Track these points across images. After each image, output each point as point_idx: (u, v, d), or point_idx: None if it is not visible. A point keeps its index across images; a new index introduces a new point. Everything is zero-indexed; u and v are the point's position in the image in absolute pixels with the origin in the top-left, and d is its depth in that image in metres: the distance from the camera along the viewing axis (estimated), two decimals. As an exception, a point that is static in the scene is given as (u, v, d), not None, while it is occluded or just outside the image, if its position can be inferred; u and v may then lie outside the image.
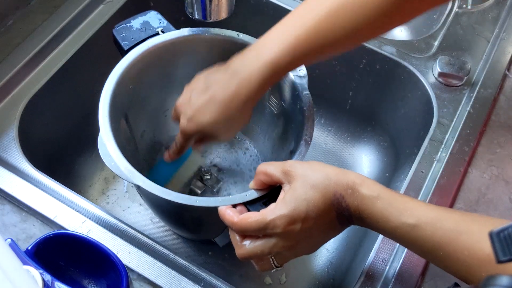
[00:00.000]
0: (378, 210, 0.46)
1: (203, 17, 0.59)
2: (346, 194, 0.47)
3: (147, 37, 0.63)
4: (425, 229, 0.44)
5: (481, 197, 0.63)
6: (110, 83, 0.59)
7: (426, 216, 0.45)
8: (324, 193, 0.47)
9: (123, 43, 0.62)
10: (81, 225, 0.57)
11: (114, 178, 0.82)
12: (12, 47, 0.70)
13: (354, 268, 0.70)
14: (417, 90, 0.75)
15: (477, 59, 0.76)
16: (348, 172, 0.48)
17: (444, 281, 0.57)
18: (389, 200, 0.46)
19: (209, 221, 0.60)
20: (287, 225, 0.46)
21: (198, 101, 0.56)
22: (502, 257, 0.31)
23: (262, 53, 0.53)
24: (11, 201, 0.58)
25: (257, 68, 0.53)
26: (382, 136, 0.86)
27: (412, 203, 0.46)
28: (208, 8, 0.58)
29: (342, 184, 0.47)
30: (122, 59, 0.61)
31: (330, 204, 0.47)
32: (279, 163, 0.51)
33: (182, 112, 0.58)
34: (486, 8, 0.83)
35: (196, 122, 0.57)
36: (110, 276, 0.53)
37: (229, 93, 0.54)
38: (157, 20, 0.65)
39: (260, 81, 0.53)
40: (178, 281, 0.54)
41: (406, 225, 0.45)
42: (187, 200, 0.51)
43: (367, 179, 0.48)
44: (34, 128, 0.70)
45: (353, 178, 0.47)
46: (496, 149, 0.68)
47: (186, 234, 0.77)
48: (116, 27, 0.64)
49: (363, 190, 0.47)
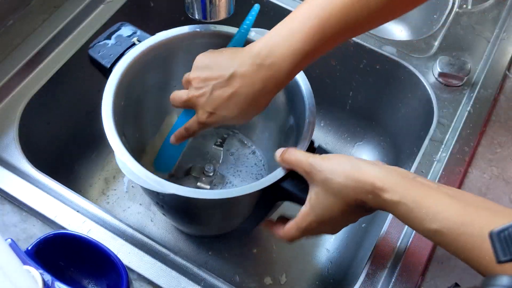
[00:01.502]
0: (401, 214, 0.46)
1: (203, 17, 0.59)
2: (367, 200, 0.47)
3: (124, 50, 0.61)
4: (448, 235, 0.43)
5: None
6: (107, 103, 0.57)
7: (449, 221, 0.43)
8: (346, 199, 0.48)
9: (104, 62, 0.61)
10: (81, 225, 0.57)
11: (114, 178, 0.82)
12: (12, 48, 0.70)
13: (354, 268, 0.70)
14: (417, 90, 0.75)
15: (477, 59, 0.76)
16: (367, 173, 0.47)
17: (444, 281, 0.57)
18: (411, 206, 0.44)
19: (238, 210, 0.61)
20: (318, 226, 0.51)
21: (221, 95, 0.53)
22: (502, 257, 0.31)
23: (290, 40, 0.49)
24: (11, 201, 0.58)
25: (286, 57, 0.49)
26: (382, 136, 0.86)
27: (436, 207, 0.44)
28: (208, 8, 0.58)
29: (362, 192, 0.47)
30: (111, 76, 0.59)
31: (353, 206, 0.48)
32: (302, 158, 0.51)
33: (200, 106, 0.55)
34: (486, 8, 0.83)
35: (218, 116, 0.54)
36: (110, 276, 0.53)
37: (256, 88, 0.51)
38: (129, 31, 0.64)
39: (290, 70, 0.50)
40: (178, 281, 0.54)
41: (428, 230, 0.44)
42: (227, 194, 0.52)
43: (389, 180, 0.46)
44: (34, 128, 0.70)
45: (373, 181, 0.46)
46: (496, 149, 0.68)
47: (201, 231, 0.77)
48: (91, 47, 0.63)
49: (384, 195, 0.45)
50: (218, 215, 0.66)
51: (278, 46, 0.50)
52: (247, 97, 0.52)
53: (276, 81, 0.51)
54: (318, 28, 0.48)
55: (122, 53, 0.61)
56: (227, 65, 0.53)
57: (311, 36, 0.49)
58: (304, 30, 0.49)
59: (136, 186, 0.81)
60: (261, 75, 0.51)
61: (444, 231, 0.43)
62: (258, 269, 0.76)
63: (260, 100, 0.53)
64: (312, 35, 0.49)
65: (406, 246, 0.58)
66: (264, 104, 0.55)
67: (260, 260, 0.77)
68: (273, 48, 0.50)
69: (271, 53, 0.50)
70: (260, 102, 0.54)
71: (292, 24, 0.50)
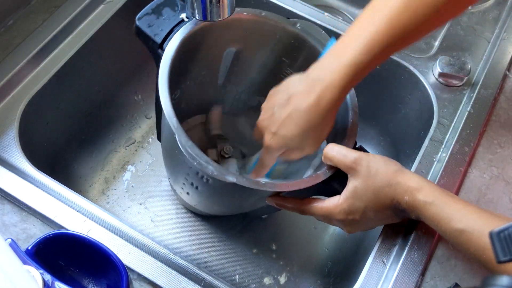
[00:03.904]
0: (431, 214, 0.51)
1: (203, 17, 0.59)
2: (402, 201, 0.52)
3: (174, 26, 0.59)
4: (472, 234, 0.49)
5: (481, 197, 0.63)
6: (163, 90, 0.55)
7: (474, 223, 0.49)
8: (382, 198, 0.52)
9: (154, 36, 0.58)
10: (81, 225, 0.57)
11: (114, 178, 0.82)
12: (12, 47, 0.70)
13: (354, 268, 0.70)
14: (418, 90, 0.75)
15: (477, 60, 0.76)
16: (409, 176, 0.52)
17: (444, 281, 0.57)
18: (442, 206, 0.50)
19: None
20: (345, 215, 0.54)
21: (281, 114, 0.54)
22: (502, 257, 0.31)
23: (341, 55, 0.51)
24: (11, 201, 0.58)
25: (337, 72, 0.51)
26: (382, 136, 0.86)
27: (464, 210, 0.50)
28: (209, 8, 0.58)
29: (400, 191, 0.52)
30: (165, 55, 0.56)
31: (388, 206, 0.53)
32: (345, 154, 0.54)
33: (266, 129, 0.57)
34: (487, 8, 0.83)
35: (280, 136, 0.55)
36: (110, 276, 0.53)
37: (311, 101, 0.52)
38: (174, 5, 0.61)
39: (342, 85, 0.51)
40: (178, 281, 0.54)
41: (454, 229, 0.50)
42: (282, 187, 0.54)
43: (426, 185, 0.52)
44: (34, 128, 0.70)
45: (411, 184, 0.52)
46: (496, 149, 0.68)
47: (217, 212, 0.76)
48: (140, 18, 0.59)
49: (419, 196, 0.51)
50: (251, 200, 0.64)
51: (329, 63, 0.53)
52: (304, 111, 0.53)
53: (330, 97, 0.52)
54: (368, 43, 0.51)
55: (171, 29, 0.60)
56: (289, 87, 0.56)
57: (361, 50, 0.51)
58: (354, 46, 0.51)
59: (136, 186, 0.81)
60: (316, 89, 0.52)
61: (469, 230, 0.49)
62: (258, 269, 0.76)
63: (317, 119, 0.53)
64: (361, 49, 0.51)
65: (406, 245, 0.58)
66: (323, 125, 0.54)
67: (260, 260, 0.77)
68: (324, 64, 0.53)
69: (323, 69, 0.53)
70: (317, 122, 0.53)
71: (343, 41, 0.53)
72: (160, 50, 0.59)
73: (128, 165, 0.83)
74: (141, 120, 0.88)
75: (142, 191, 0.81)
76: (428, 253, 0.58)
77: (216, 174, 0.52)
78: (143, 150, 0.85)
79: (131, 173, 0.83)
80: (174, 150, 0.56)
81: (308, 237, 0.80)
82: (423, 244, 0.58)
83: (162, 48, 0.59)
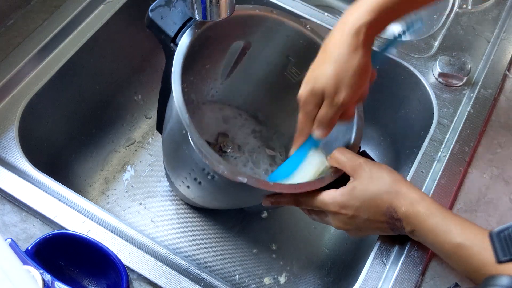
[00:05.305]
0: (430, 226, 0.51)
1: (203, 17, 0.59)
2: (399, 210, 0.52)
3: (187, 20, 0.58)
4: (471, 248, 0.49)
5: (481, 197, 0.63)
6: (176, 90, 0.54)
7: (473, 237, 0.49)
8: (379, 202, 0.53)
9: (167, 30, 0.57)
10: (81, 225, 0.57)
11: (114, 178, 0.82)
12: (12, 47, 0.70)
13: (354, 268, 0.70)
14: (417, 90, 0.75)
15: (477, 59, 0.76)
16: (410, 188, 0.53)
17: (444, 281, 0.57)
18: (441, 219, 0.51)
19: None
20: (339, 208, 0.54)
21: (315, 66, 0.55)
22: (502, 257, 0.31)
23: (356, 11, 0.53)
24: (11, 201, 0.58)
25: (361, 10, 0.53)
26: (382, 136, 0.86)
27: (463, 224, 0.50)
28: (209, 8, 0.58)
29: (399, 200, 0.52)
30: (178, 51, 0.55)
31: (383, 212, 0.53)
32: (351, 157, 0.55)
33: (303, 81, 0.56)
34: (487, 8, 0.83)
35: (308, 81, 0.55)
36: (110, 276, 0.53)
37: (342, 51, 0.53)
38: None
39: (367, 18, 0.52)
40: (178, 281, 0.54)
41: (452, 243, 0.50)
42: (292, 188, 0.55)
43: (427, 198, 0.53)
44: (34, 128, 0.70)
45: (413, 195, 0.52)
46: (496, 149, 0.68)
47: (217, 207, 0.76)
48: (153, 9, 0.58)
49: (419, 207, 0.52)
50: (254, 197, 0.64)
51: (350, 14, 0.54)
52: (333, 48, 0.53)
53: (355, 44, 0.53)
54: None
55: (184, 23, 0.59)
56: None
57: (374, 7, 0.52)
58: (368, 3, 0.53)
59: (136, 186, 0.81)
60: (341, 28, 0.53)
61: (468, 244, 0.49)
62: (258, 269, 0.76)
63: (346, 50, 0.53)
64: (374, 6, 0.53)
65: (406, 245, 0.58)
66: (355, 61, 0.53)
67: (260, 260, 0.77)
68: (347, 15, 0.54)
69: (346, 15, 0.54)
70: (347, 53, 0.53)
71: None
72: (172, 44, 0.59)
73: (128, 165, 0.83)
74: (141, 120, 0.88)
75: (142, 191, 0.81)
76: (428, 253, 0.58)
77: (226, 174, 0.52)
78: (143, 150, 0.85)
79: (131, 173, 0.83)
80: (179, 145, 0.56)
81: (308, 237, 0.80)
82: (424, 244, 0.58)
83: (175, 43, 0.58)
